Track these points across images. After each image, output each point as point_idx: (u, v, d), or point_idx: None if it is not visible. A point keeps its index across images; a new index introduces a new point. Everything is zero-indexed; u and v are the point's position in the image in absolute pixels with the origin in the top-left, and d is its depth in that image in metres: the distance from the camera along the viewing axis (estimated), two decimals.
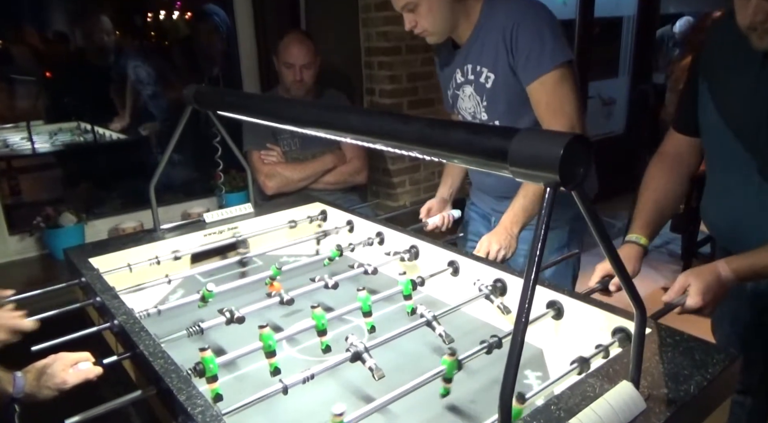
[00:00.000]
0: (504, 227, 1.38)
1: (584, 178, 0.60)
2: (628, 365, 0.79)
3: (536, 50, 1.36)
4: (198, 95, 1.32)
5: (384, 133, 0.78)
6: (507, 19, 1.39)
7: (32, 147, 2.67)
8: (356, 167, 2.27)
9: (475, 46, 1.48)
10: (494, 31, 1.42)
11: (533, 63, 1.37)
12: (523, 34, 1.37)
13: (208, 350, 0.85)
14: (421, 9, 1.41)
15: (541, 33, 1.37)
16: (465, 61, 1.51)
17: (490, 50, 1.44)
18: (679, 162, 1.25)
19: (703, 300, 1.00)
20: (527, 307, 0.58)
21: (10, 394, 0.88)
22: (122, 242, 1.44)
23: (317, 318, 0.99)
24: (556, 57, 1.36)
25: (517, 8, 1.41)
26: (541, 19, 1.39)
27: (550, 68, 1.36)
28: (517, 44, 1.38)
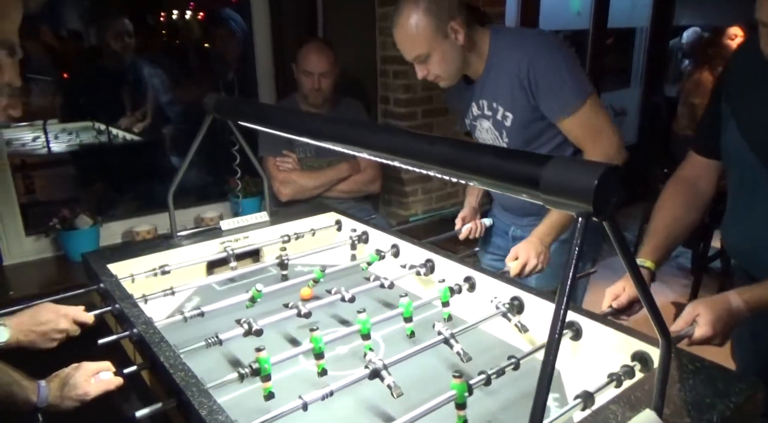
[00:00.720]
0: (539, 239, 1.40)
1: (616, 208, 0.60)
2: (649, 392, 0.79)
3: (555, 89, 1.37)
4: (219, 104, 1.33)
5: (410, 153, 0.78)
6: (520, 59, 1.39)
7: (47, 146, 2.69)
8: (370, 176, 2.27)
9: (488, 83, 1.48)
10: (506, 69, 1.42)
11: (556, 103, 1.38)
12: (540, 75, 1.37)
13: (264, 351, 0.87)
14: (433, 59, 1.41)
15: (557, 71, 1.37)
16: (480, 96, 1.52)
17: (504, 89, 1.44)
18: (695, 188, 1.23)
19: (713, 330, 0.99)
20: (557, 337, 0.58)
21: (35, 404, 0.89)
22: (140, 248, 1.45)
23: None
24: (577, 94, 1.37)
25: (528, 46, 1.40)
26: (554, 56, 1.38)
27: (575, 105, 1.37)
28: (536, 86, 1.38)
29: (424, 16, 1.37)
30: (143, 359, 1.02)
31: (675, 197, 1.23)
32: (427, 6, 1.37)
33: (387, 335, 1.19)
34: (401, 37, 1.42)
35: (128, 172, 2.77)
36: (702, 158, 1.23)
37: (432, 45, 1.39)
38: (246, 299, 1.22)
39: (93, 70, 2.65)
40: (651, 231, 1.21)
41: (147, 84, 2.74)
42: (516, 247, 1.39)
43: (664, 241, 1.19)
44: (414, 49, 1.41)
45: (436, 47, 1.39)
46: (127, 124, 2.81)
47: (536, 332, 1.11)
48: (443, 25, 1.38)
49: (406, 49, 1.43)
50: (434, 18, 1.37)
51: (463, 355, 0.99)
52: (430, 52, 1.40)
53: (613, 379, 0.87)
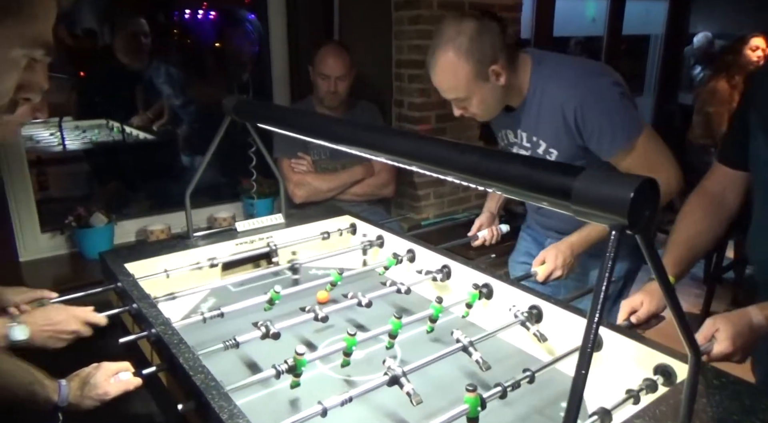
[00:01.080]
0: (570, 248, 1.37)
1: (651, 221, 0.59)
2: (674, 407, 0.78)
3: (608, 131, 1.29)
4: (238, 106, 1.34)
5: (439, 161, 0.78)
6: (566, 99, 1.30)
7: (63, 144, 2.71)
8: (384, 180, 2.27)
9: (529, 116, 1.40)
10: (550, 105, 1.34)
11: (607, 143, 1.30)
12: (589, 118, 1.28)
13: (304, 355, 0.91)
14: (473, 101, 1.34)
15: (608, 115, 1.28)
16: (518, 126, 1.44)
17: (547, 124, 1.36)
18: (720, 201, 1.20)
19: (734, 346, 0.96)
20: (589, 352, 0.57)
21: (55, 403, 0.89)
22: (156, 248, 1.45)
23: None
24: (629, 135, 1.29)
25: (575, 85, 1.31)
26: (604, 97, 1.30)
27: (628, 143, 1.29)
28: (584, 128, 1.30)
29: (464, 62, 1.27)
30: (161, 360, 1.02)
31: (698, 209, 1.21)
32: (468, 49, 1.26)
33: (404, 341, 1.18)
34: (439, 80, 1.33)
35: (142, 170, 2.78)
36: (728, 169, 1.21)
37: (472, 89, 1.31)
38: (262, 301, 1.22)
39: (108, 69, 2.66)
40: (672, 243, 1.19)
41: (161, 83, 2.75)
42: (544, 251, 1.37)
43: (685, 254, 1.17)
44: (452, 92, 1.34)
45: (476, 91, 1.31)
46: (141, 123, 2.82)
47: (554, 342, 1.10)
48: (484, 69, 1.29)
49: (443, 91, 1.36)
50: (475, 63, 1.27)
51: (482, 364, 0.98)
52: (469, 95, 1.32)
53: (631, 395, 0.86)
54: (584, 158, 1.37)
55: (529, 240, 1.75)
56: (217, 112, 1.40)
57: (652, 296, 1.11)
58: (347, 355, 1.02)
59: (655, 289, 1.13)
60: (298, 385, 0.96)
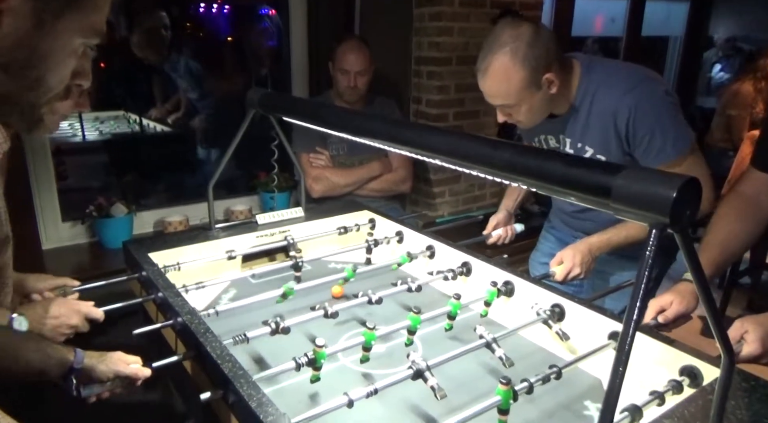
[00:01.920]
0: (588, 249, 1.36)
1: (691, 220, 0.59)
2: (703, 408, 0.78)
3: (657, 143, 1.27)
4: (263, 99, 1.34)
5: (472, 157, 0.78)
6: (618, 105, 1.28)
7: (82, 134, 2.74)
8: (402, 176, 2.27)
9: (575, 124, 1.38)
10: (600, 113, 1.31)
11: (653, 154, 1.29)
12: (640, 126, 1.26)
13: (323, 347, 0.92)
14: (521, 109, 1.31)
15: (660, 126, 1.26)
16: (561, 132, 1.42)
17: (595, 131, 1.34)
18: (755, 204, 1.19)
19: (763, 347, 0.96)
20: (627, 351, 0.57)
21: (71, 363, 0.91)
22: (178, 238, 1.46)
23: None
24: (679, 147, 1.27)
25: (629, 91, 1.28)
26: (658, 106, 1.27)
27: (675, 158, 1.28)
28: (634, 136, 1.28)
29: (520, 68, 1.23)
30: (186, 349, 1.03)
31: (733, 212, 1.19)
32: (525, 55, 1.22)
33: (425, 336, 1.19)
34: (489, 85, 1.28)
35: (159, 162, 2.80)
36: (762, 174, 1.19)
37: (523, 97, 1.27)
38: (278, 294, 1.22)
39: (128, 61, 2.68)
40: (705, 244, 1.18)
41: (180, 77, 2.77)
42: (563, 251, 1.37)
43: (718, 257, 1.16)
44: (502, 99, 1.30)
45: (527, 99, 1.28)
46: (159, 116, 2.85)
47: (576, 340, 1.10)
48: (538, 77, 1.25)
49: (492, 97, 1.32)
50: (531, 71, 1.23)
51: (505, 360, 0.98)
52: (519, 103, 1.29)
53: (657, 396, 0.85)
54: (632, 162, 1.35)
55: (553, 240, 1.74)
56: (235, 106, 1.40)
57: (682, 297, 1.10)
58: (366, 349, 1.02)
59: (685, 290, 1.12)
60: (318, 379, 0.95)
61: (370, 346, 1.01)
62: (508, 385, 0.83)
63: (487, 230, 1.67)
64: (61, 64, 0.65)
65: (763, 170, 1.19)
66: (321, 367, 0.94)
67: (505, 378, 0.84)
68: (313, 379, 0.95)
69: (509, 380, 0.83)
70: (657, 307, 1.11)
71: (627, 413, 0.80)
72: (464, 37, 2.51)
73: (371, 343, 1.01)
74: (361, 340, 1.00)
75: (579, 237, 1.61)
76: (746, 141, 2.75)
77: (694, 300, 1.15)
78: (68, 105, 0.73)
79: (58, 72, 0.65)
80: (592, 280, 1.57)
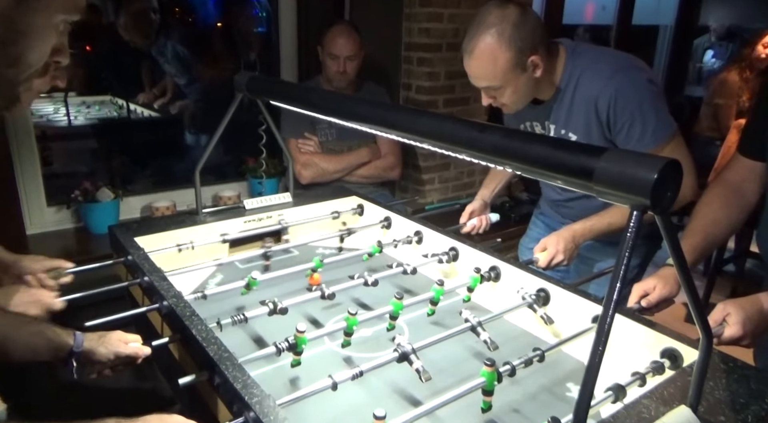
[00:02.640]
0: (572, 235, 1.36)
1: (672, 202, 0.60)
2: (682, 388, 0.79)
3: (637, 130, 1.27)
4: (251, 83, 1.33)
5: (458, 140, 0.78)
6: (601, 90, 1.28)
7: (68, 119, 2.70)
8: (391, 163, 2.27)
9: (559, 109, 1.39)
10: (583, 100, 1.32)
11: (633, 142, 1.29)
12: (621, 112, 1.26)
13: (305, 332, 0.92)
14: (506, 91, 1.31)
15: (642, 111, 1.26)
16: (546, 119, 1.42)
17: (579, 117, 1.35)
18: (739, 192, 1.20)
19: (743, 330, 0.98)
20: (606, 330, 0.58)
21: (71, 347, 0.91)
22: (165, 223, 1.45)
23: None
24: (659, 135, 1.28)
25: (612, 77, 1.28)
26: (641, 93, 1.28)
27: (654, 146, 1.28)
28: (615, 122, 1.29)
29: (506, 50, 1.23)
30: (173, 332, 1.03)
31: (716, 200, 1.20)
32: (511, 37, 1.23)
33: (411, 320, 1.20)
34: (474, 66, 1.29)
35: (146, 147, 2.78)
36: (748, 160, 1.20)
37: (508, 79, 1.28)
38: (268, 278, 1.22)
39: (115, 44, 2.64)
40: (688, 231, 1.19)
41: (167, 61, 2.73)
42: (546, 238, 1.37)
43: (701, 243, 1.17)
44: (486, 81, 1.30)
45: (512, 81, 1.28)
46: (146, 101, 2.81)
47: (561, 324, 1.11)
48: (524, 59, 1.26)
49: (476, 78, 1.32)
50: (516, 52, 1.24)
51: (490, 344, 1.00)
52: (504, 85, 1.29)
53: (637, 377, 0.87)
54: None
55: (542, 226, 1.75)
56: (223, 91, 1.39)
57: (665, 281, 1.12)
58: (348, 335, 1.02)
59: (669, 275, 1.14)
60: (298, 363, 0.96)
61: (351, 332, 1.02)
62: (493, 366, 0.84)
63: (463, 219, 1.67)
64: (41, 40, 0.64)
65: (749, 157, 1.20)
66: (302, 352, 0.94)
67: (489, 360, 0.85)
68: (293, 364, 0.96)
69: (493, 362, 0.84)
70: (640, 292, 1.12)
71: (611, 392, 0.82)
72: (454, 23, 2.50)
73: (353, 329, 1.01)
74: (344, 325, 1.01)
75: (567, 223, 1.63)
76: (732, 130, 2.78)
77: (676, 285, 1.16)
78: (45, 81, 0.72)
79: (38, 49, 0.64)
80: (577, 265, 1.59)
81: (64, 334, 0.93)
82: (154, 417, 0.76)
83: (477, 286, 1.20)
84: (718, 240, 1.22)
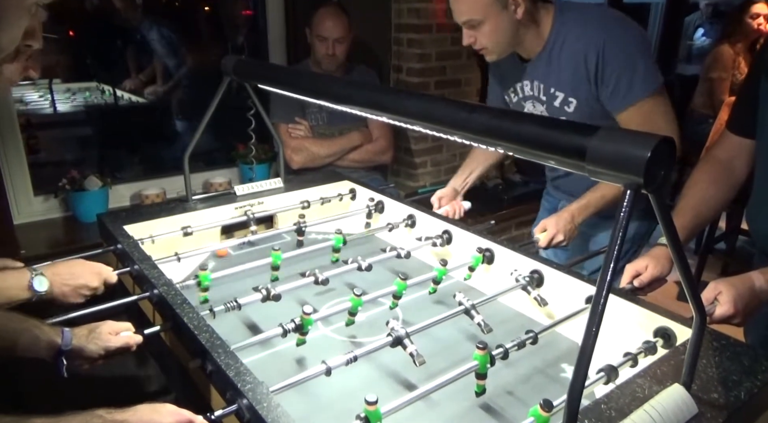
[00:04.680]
0: (571, 215, 1.36)
1: (665, 181, 0.59)
2: (675, 367, 0.79)
3: (625, 81, 1.27)
4: (238, 66, 1.30)
5: (446, 121, 0.76)
6: (589, 41, 1.28)
7: (53, 106, 2.66)
8: (382, 146, 2.25)
9: (547, 64, 1.38)
10: (571, 54, 1.31)
11: (622, 93, 1.28)
12: (610, 60, 1.26)
13: (311, 314, 0.93)
14: (485, 28, 1.30)
15: (631, 59, 1.26)
16: (533, 77, 1.41)
17: (567, 74, 1.34)
18: (728, 169, 1.20)
19: (735, 308, 0.98)
20: (600, 311, 0.57)
21: (59, 346, 0.89)
22: (155, 211, 1.44)
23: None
24: (647, 85, 1.27)
25: (600, 26, 1.29)
26: (629, 43, 1.27)
27: (642, 97, 1.27)
28: (603, 73, 1.28)
29: None
30: (164, 320, 1.02)
31: (706, 178, 1.20)
32: None
33: (405, 304, 1.19)
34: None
35: (135, 135, 2.73)
36: (737, 137, 1.19)
37: (488, 12, 1.28)
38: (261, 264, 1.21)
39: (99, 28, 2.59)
40: (678, 209, 1.19)
41: (153, 46, 2.68)
42: (546, 219, 1.38)
43: (690, 221, 1.17)
44: (467, 12, 1.30)
45: (492, 16, 1.28)
46: (133, 87, 2.76)
47: (554, 306, 1.11)
48: None
49: (457, 11, 1.32)
50: None
51: (483, 327, 0.99)
52: (484, 19, 1.29)
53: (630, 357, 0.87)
54: (602, 112, 1.35)
55: (547, 206, 1.76)
56: (211, 76, 1.37)
57: (657, 261, 1.12)
58: (352, 314, 1.03)
59: (660, 254, 1.14)
60: (303, 342, 0.97)
61: (355, 312, 1.03)
62: (485, 349, 0.84)
63: (435, 208, 1.65)
64: (13, 23, 0.62)
65: (738, 134, 1.19)
66: (308, 333, 0.95)
67: (481, 343, 0.84)
68: (299, 343, 0.97)
69: (486, 345, 0.84)
70: (632, 272, 1.12)
71: (603, 373, 0.82)
72: (445, 2, 2.46)
73: (357, 309, 1.02)
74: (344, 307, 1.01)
75: (564, 198, 1.64)
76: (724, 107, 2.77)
77: (668, 263, 1.16)
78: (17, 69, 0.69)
79: (9, 32, 0.62)
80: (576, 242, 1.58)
81: (52, 332, 0.91)
82: (145, 406, 0.75)
83: (479, 265, 1.20)
84: (708, 218, 1.22)
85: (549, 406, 0.72)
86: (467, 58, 2.64)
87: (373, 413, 0.70)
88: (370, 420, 0.70)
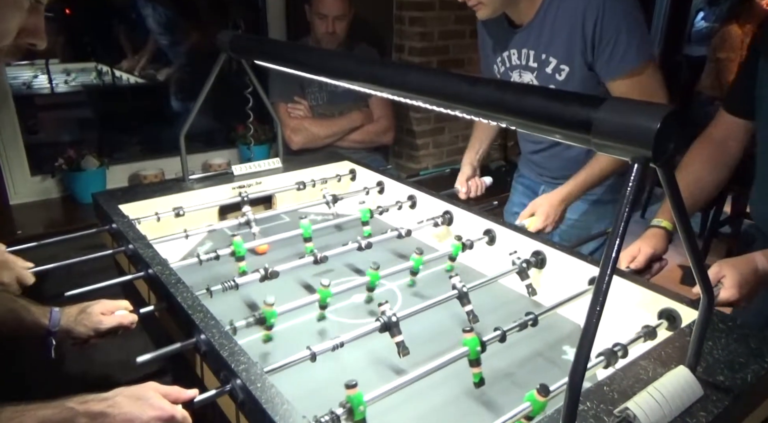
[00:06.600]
0: (561, 198, 1.34)
1: (674, 155, 0.56)
2: (680, 350, 0.78)
3: (622, 45, 1.24)
4: (234, 42, 1.27)
5: (448, 94, 0.73)
6: (587, 9, 1.24)
7: (50, 86, 2.62)
8: (384, 127, 2.22)
9: (540, 30, 1.33)
10: (567, 17, 1.28)
11: (617, 59, 1.25)
12: (608, 26, 1.23)
13: (273, 305, 0.91)
14: None
15: (628, 25, 1.23)
16: (525, 44, 1.37)
17: (561, 39, 1.30)
18: (723, 149, 1.17)
19: (740, 293, 0.95)
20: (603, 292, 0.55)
21: (47, 327, 0.87)
22: (151, 190, 1.42)
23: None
24: (642, 53, 1.25)
25: None
26: (627, 8, 1.25)
27: (637, 65, 1.24)
28: (600, 38, 1.25)
29: None
30: (158, 300, 1.00)
31: (700, 158, 1.18)
32: None
33: (404, 285, 1.18)
34: None
35: (133, 115, 2.70)
36: (733, 117, 1.17)
37: None
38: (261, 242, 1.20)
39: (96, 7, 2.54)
40: None
41: (150, 24, 2.64)
42: (534, 202, 1.35)
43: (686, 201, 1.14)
44: None
45: None
46: (130, 67, 2.72)
47: (557, 287, 1.09)
48: None
49: None
50: None
51: (471, 318, 0.97)
52: None
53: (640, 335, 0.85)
54: (593, 82, 1.32)
55: (522, 189, 1.72)
56: (210, 55, 1.33)
57: (648, 241, 1.10)
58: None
59: (651, 234, 1.12)
60: (270, 339, 0.96)
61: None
62: (471, 332, 0.80)
63: (458, 185, 1.63)
64: (3, 18, 0.59)
65: (734, 114, 1.17)
66: (272, 326, 0.93)
67: (467, 326, 0.81)
68: (264, 340, 0.96)
69: (471, 328, 0.81)
70: (628, 257, 1.10)
71: (603, 357, 0.79)
72: None
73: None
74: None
75: (545, 181, 1.60)
76: None
77: (661, 243, 1.13)
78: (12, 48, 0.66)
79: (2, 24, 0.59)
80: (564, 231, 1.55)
81: (39, 313, 0.88)
82: (126, 388, 0.72)
83: (458, 254, 1.17)
84: (703, 198, 1.19)
85: (546, 391, 0.70)
86: (470, 37, 2.59)
87: (353, 397, 0.68)
88: (352, 404, 0.68)
